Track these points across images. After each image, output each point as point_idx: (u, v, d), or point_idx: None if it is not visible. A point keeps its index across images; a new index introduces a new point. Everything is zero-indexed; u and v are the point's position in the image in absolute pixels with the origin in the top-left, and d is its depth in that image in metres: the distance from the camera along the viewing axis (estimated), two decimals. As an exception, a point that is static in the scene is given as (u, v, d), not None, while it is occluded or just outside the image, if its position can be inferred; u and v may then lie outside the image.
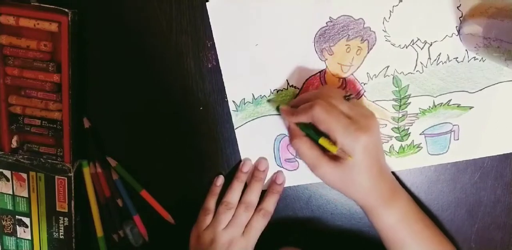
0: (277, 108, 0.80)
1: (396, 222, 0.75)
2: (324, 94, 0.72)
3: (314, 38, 0.78)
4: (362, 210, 0.76)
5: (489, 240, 0.86)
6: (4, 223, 0.85)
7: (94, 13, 0.79)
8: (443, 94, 0.79)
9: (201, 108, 0.82)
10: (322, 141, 0.71)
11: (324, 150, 0.73)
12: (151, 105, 0.82)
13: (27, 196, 0.83)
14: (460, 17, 0.76)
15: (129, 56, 0.81)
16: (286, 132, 0.82)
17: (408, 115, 0.80)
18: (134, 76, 0.81)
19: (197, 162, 0.84)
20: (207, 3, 0.77)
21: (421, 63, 0.78)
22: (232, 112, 0.81)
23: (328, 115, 0.69)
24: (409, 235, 0.76)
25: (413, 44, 0.77)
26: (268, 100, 0.81)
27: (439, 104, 0.80)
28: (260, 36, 0.78)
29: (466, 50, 0.77)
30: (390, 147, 0.82)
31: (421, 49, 0.77)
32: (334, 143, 0.70)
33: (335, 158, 0.72)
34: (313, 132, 0.73)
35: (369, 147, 0.69)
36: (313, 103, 0.70)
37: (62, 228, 0.84)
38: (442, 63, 0.78)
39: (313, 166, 0.73)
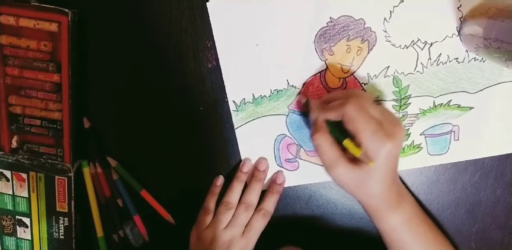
0: (306, 102, 0.79)
1: (399, 225, 0.75)
2: (357, 94, 0.71)
3: (315, 38, 0.78)
4: (364, 210, 0.76)
5: (489, 240, 0.86)
6: (4, 223, 0.85)
7: (94, 13, 0.79)
8: (443, 94, 0.79)
9: (201, 108, 0.82)
10: (347, 143, 0.69)
11: (343, 151, 0.71)
12: (151, 106, 0.82)
13: (27, 196, 0.83)
14: (460, 18, 0.76)
15: (129, 56, 0.81)
16: (286, 132, 0.82)
17: (408, 116, 0.80)
18: (134, 76, 0.81)
19: (197, 162, 0.84)
20: (207, 3, 0.77)
21: (422, 63, 0.78)
22: (232, 112, 0.81)
23: (359, 115, 0.67)
24: (411, 238, 0.76)
25: (413, 45, 0.77)
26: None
27: (439, 104, 0.80)
28: (260, 36, 0.78)
29: (466, 50, 0.77)
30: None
31: (422, 49, 0.77)
32: (358, 145, 0.68)
33: (353, 160, 0.70)
34: (338, 131, 0.71)
35: (391, 154, 0.68)
36: (346, 101, 0.69)
37: (62, 228, 0.84)
38: (443, 64, 0.78)
39: (329, 165, 0.71)
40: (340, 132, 0.71)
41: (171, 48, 0.80)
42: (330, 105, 0.72)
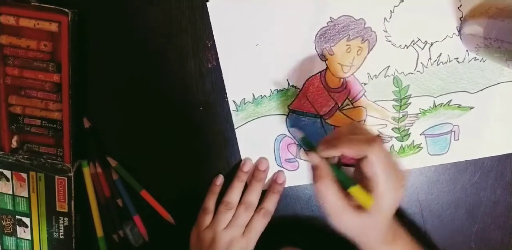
0: (303, 139, 0.72)
1: None
2: (363, 133, 0.67)
3: (315, 38, 0.78)
4: (358, 247, 0.72)
5: (489, 240, 0.86)
6: (4, 223, 0.85)
7: (94, 13, 0.79)
8: (444, 94, 0.79)
9: (201, 108, 0.82)
10: (356, 190, 0.65)
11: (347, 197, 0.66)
12: (151, 106, 0.82)
13: (27, 196, 0.83)
14: (460, 18, 0.76)
15: (129, 56, 0.81)
16: (286, 132, 0.82)
17: (408, 116, 0.80)
18: (134, 76, 0.81)
19: (197, 162, 0.84)
20: (207, 3, 0.77)
21: (422, 63, 0.78)
22: (232, 112, 0.81)
23: (385, 160, 0.63)
24: None
25: (413, 45, 0.77)
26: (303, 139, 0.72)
27: (439, 104, 0.80)
28: (260, 36, 0.78)
29: (466, 50, 0.77)
30: (391, 147, 0.82)
31: (422, 49, 0.78)
32: (369, 190, 0.64)
33: (356, 206, 0.66)
34: (345, 176, 0.66)
35: (397, 201, 0.66)
36: (374, 139, 0.64)
37: (62, 228, 0.84)
38: (443, 64, 0.78)
39: (334, 215, 0.66)
40: (346, 176, 0.66)
41: (171, 48, 0.80)
42: (352, 139, 0.65)
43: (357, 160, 0.65)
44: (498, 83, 0.79)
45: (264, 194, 0.83)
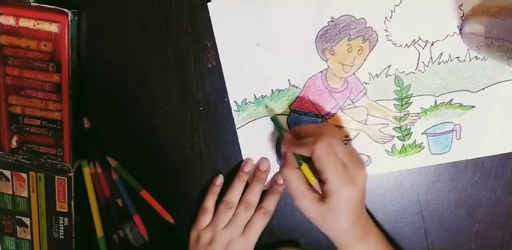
0: (273, 118, 0.81)
1: None
2: (328, 132, 0.73)
3: (316, 38, 0.78)
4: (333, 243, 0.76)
5: (489, 240, 0.86)
6: (4, 223, 0.85)
7: (94, 13, 0.79)
8: (445, 93, 0.79)
9: (201, 108, 0.82)
10: (303, 168, 0.74)
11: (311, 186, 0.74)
12: (151, 106, 0.82)
13: (27, 196, 0.83)
14: (461, 16, 0.76)
15: (129, 56, 0.81)
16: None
17: (410, 115, 0.80)
18: (134, 76, 0.81)
19: (197, 162, 0.84)
20: (208, 3, 0.77)
21: (423, 62, 0.78)
22: (233, 113, 0.81)
23: (327, 156, 0.70)
24: None
25: (414, 44, 0.77)
26: (266, 106, 0.81)
27: (440, 103, 0.80)
28: (261, 36, 0.78)
29: (467, 49, 0.77)
30: (392, 146, 0.82)
31: (423, 48, 0.77)
32: (322, 183, 0.72)
33: (319, 196, 0.73)
34: (299, 158, 0.75)
35: (353, 196, 0.71)
36: (316, 140, 0.71)
37: (62, 228, 0.84)
38: (444, 63, 0.78)
39: (296, 198, 0.74)
40: (299, 158, 0.75)
41: (171, 48, 0.80)
42: (301, 142, 0.74)
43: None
44: (499, 82, 0.79)
45: (264, 194, 0.83)
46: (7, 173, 0.82)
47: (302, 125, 0.81)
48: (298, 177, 0.74)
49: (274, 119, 0.81)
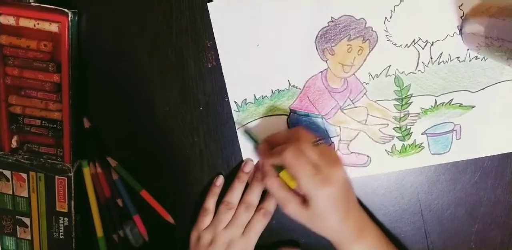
0: (245, 132, 0.82)
1: None
2: (297, 137, 0.74)
3: (316, 38, 0.78)
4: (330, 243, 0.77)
5: (489, 240, 0.86)
6: (4, 223, 0.85)
7: (94, 13, 0.79)
8: (445, 93, 0.79)
9: (201, 108, 0.82)
10: (282, 175, 0.74)
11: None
12: (151, 105, 0.82)
13: (27, 196, 0.83)
14: (461, 17, 0.76)
15: (128, 56, 0.81)
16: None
17: (410, 115, 0.80)
18: (134, 76, 0.81)
19: (197, 162, 0.84)
20: (208, 3, 0.77)
21: (423, 62, 0.78)
22: (233, 113, 0.81)
23: (296, 162, 0.71)
24: None
25: (414, 44, 0.77)
26: (246, 132, 0.82)
27: (440, 103, 0.80)
28: (261, 37, 0.78)
29: (467, 49, 0.77)
30: (392, 146, 0.82)
31: (423, 48, 0.78)
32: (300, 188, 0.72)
33: (303, 200, 0.73)
34: (277, 166, 0.75)
35: (332, 196, 0.71)
36: (284, 148, 0.72)
37: (62, 228, 0.84)
38: (444, 63, 0.78)
39: (282, 205, 0.75)
40: (277, 166, 0.75)
41: (171, 48, 0.80)
42: (272, 152, 0.75)
43: None
44: (499, 82, 0.79)
45: (264, 195, 0.83)
46: (7, 173, 0.82)
47: (273, 133, 0.82)
48: (279, 184, 0.75)
49: (246, 133, 0.82)
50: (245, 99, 0.80)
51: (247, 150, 0.83)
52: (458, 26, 0.77)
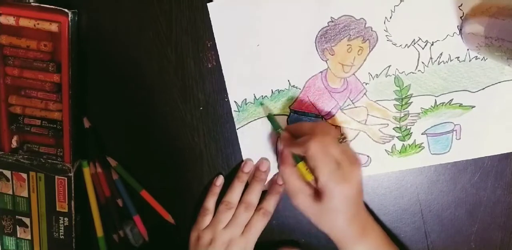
0: (269, 116, 0.82)
1: None
2: (323, 131, 0.74)
3: (316, 38, 0.78)
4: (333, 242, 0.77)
5: (489, 240, 0.86)
6: (4, 223, 0.85)
7: (94, 13, 0.79)
8: (445, 93, 0.79)
9: (201, 108, 0.82)
10: (300, 166, 0.74)
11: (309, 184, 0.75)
12: (151, 105, 0.82)
13: (27, 196, 0.83)
14: (461, 17, 0.76)
15: (128, 56, 0.81)
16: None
17: (410, 115, 0.80)
18: (134, 76, 0.81)
19: (197, 162, 0.84)
20: (208, 3, 0.77)
21: (423, 62, 0.78)
22: (233, 113, 0.81)
23: (320, 156, 0.71)
24: None
25: (414, 44, 0.77)
26: (261, 104, 0.81)
27: (440, 103, 0.80)
28: (261, 37, 0.78)
29: (467, 49, 0.77)
30: (392, 146, 0.82)
31: (423, 48, 0.78)
32: (316, 179, 0.72)
33: (316, 194, 0.73)
34: (296, 156, 0.75)
35: (348, 194, 0.72)
36: (309, 139, 0.71)
37: (62, 228, 0.84)
38: (444, 63, 0.78)
39: (291, 195, 0.75)
40: (296, 156, 0.75)
41: (171, 48, 0.80)
42: (296, 141, 0.75)
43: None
44: (499, 82, 0.79)
45: (264, 194, 0.83)
46: (7, 173, 0.82)
47: (297, 123, 0.81)
48: (295, 175, 0.75)
49: (270, 117, 0.82)
50: (245, 99, 0.80)
51: (247, 150, 0.83)
52: (458, 26, 0.77)
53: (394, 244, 0.81)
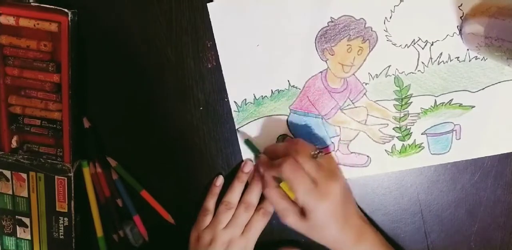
0: (246, 141, 0.83)
1: None
2: (296, 150, 0.74)
3: (316, 38, 0.78)
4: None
5: (489, 240, 0.86)
6: (4, 223, 0.85)
7: (94, 13, 0.79)
8: (445, 93, 0.79)
9: (201, 108, 0.82)
10: (283, 185, 0.75)
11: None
12: (151, 105, 0.82)
13: (27, 196, 0.83)
14: (461, 17, 0.76)
15: (128, 56, 0.81)
16: (287, 133, 0.82)
17: (409, 115, 0.80)
18: (134, 76, 0.81)
19: (197, 162, 0.84)
20: (208, 3, 0.77)
21: (423, 62, 0.78)
22: (233, 113, 0.81)
23: (293, 176, 0.72)
24: None
25: (414, 44, 0.77)
26: (237, 131, 0.83)
27: (440, 104, 0.80)
28: (261, 37, 0.78)
29: (467, 49, 0.77)
30: (392, 146, 0.82)
31: (423, 48, 0.77)
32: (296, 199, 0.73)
33: (302, 211, 0.74)
34: (278, 178, 0.76)
35: (330, 209, 0.73)
36: (283, 161, 0.73)
37: (62, 228, 0.84)
38: (444, 63, 0.78)
39: (281, 215, 0.75)
40: (278, 178, 0.76)
41: (171, 48, 0.80)
42: (272, 164, 0.76)
43: None
44: (499, 82, 0.79)
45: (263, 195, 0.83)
46: (7, 173, 0.82)
47: (273, 144, 0.83)
48: (279, 195, 0.75)
49: (247, 143, 0.83)
50: (245, 99, 0.80)
51: (246, 150, 0.83)
52: (458, 26, 0.77)
53: (391, 246, 0.81)
